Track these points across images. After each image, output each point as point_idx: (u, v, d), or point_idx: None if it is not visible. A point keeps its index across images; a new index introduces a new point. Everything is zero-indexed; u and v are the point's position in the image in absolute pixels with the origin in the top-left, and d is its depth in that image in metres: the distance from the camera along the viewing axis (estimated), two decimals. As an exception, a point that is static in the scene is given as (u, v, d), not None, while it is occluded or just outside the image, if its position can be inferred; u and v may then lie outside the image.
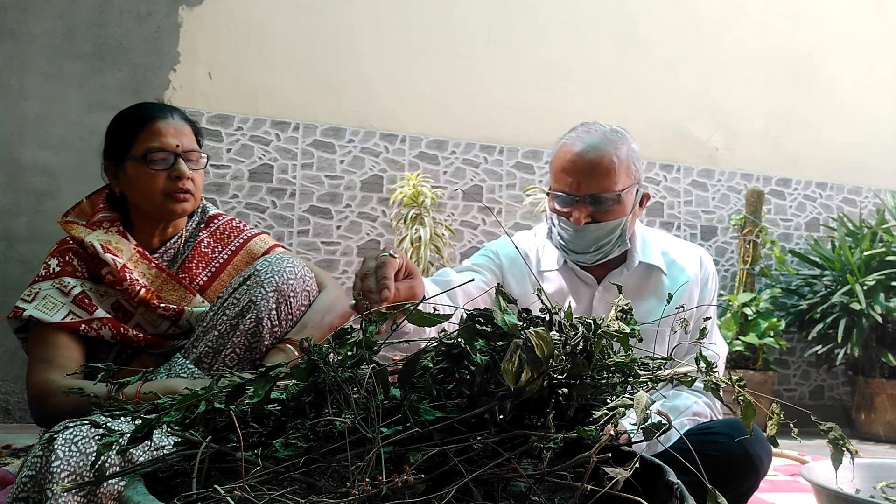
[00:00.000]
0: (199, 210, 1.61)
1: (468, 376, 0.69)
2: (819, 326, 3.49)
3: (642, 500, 0.58)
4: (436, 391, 0.70)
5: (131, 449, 1.05)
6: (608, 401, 0.70)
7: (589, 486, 0.59)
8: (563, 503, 0.64)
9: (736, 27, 4.00)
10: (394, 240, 3.28)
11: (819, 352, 3.59)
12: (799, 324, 3.69)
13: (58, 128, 2.92)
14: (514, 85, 3.59)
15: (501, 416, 0.67)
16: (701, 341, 0.79)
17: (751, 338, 3.35)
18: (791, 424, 0.75)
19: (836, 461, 0.69)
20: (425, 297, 1.07)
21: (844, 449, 0.69)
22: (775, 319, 3.42)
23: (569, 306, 0.79)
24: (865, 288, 3.39)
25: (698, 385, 1.12)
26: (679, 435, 0.95)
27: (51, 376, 1.31)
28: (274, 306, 1.36)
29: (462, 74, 3.52)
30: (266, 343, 1.37)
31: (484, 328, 0.68)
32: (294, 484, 0.62)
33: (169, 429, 0.70)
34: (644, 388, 0.70)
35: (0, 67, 2.87)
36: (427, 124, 3.45)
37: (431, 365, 0.72)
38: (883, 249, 3.51)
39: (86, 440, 1.02)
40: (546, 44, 3.66)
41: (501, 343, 0.66)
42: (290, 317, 1.39)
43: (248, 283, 1.37)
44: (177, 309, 1.43)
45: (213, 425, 0.70)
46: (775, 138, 4.06)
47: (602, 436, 0.63)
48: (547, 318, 0.73)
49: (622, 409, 0.65)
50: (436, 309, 0.81)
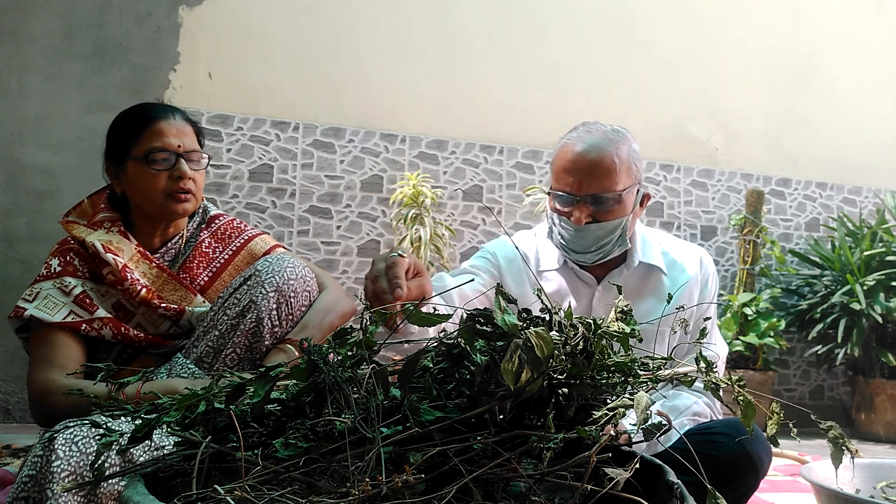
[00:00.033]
0: (201, 210, 1.61)
1: (468, 376, 0.69)
2: (819, 326, 3.49)
3: (642, 500, 0.58)
4: (436, 391, 0.70)
5: (131, 449, 1.05)
6: (608, 401, 0.70)
7: (589, 487, 0.60)
8: (563, 503, 0.64)
9: (736, 27, 4.00)
10: (394, 240, 3.28)
11: (819, 352, 3.59)
12: (799, 324, 3.69)
13: (58, 128, 2.92)
14: (514, 85, 3.59)
15: (501, 416, 0.67)
16: (701, 341, 0.79)
17: (751, 338, 3.35)
18: (791, 424, 0.75)
19: (836, 460, 0.69)
20: (425, 299, 1.07)
21: (844, 448, 0.69)
22: (775, 319, 3.42)
23: (569, 306, 0.79)
24: (865, 288, 3.39)
25: (698, 385, 1.12)
26: (679, 435, 0.95)
27: (51, 376, 1.31)
28: (275, 306, 1.36)
29: (462, 74, 3.52)
30: (267, 343, 1.37)
31: (484, 328, 0.68)
32: (294, 484, 0.62)
33: (169, 429, 0.70)
34: (644, 389, 0.70)
35: (0, 67, 2.87)
36: (427, 124, 3.45)
37: (431, 365, 0.72)
38: (883, 249, 3.51)
39: (86, 440, 1.02)
40: (546, 44, 3.66)
41: (501, 343, 0.67)
42: (291, 317, 1.39)
43: (249, 283, 1.37)
44: (178, 309, 1.43)
45: (213, 425, 0.70)
46: (775, 138, 4.06)
47: (602, 436, 0.64)
48: (547, 318, 0.73)
49: (622, 409, 0.65)
50: (435, 310, 0.81)
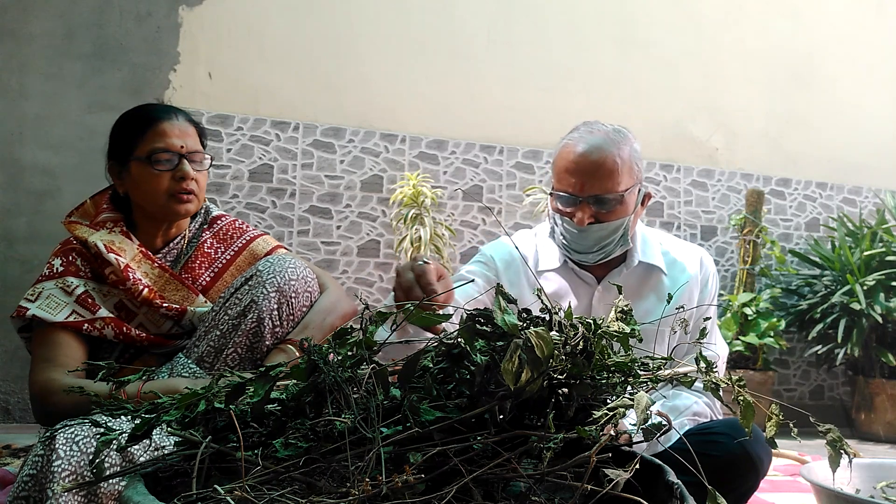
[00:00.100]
0: (203, 211, 1.61)
1: (468, 376, 0.69)
2: (819, 326, 3.49)
3: (642, 500, 0.58)
4: (436, 391, 0.70)
5: (131, 449, 1.05)
6: (608, 401, 0.70)
7: (589, 487, 0.60)
8: (563, 503, 0.64)
9: (736, 27, 4.00)
10: (394, 240, 3.28)
11: (819, 352, 3.59)
12: (799, 324, 3.69)
13: (58, 128, 2.92)
14: (514, 85, 3.59)
15: (501, 416, 0.67)
16: (701, 342, 0.79)
17: (751, 338, 3.35)
18: (791, 425, 0.75)
19: (834, 463, 0.69)
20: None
21: (843, 451, 0.69)
22: (775, 319, 3.42)
23: (569, 306, 0.79)
24: (865, 288, 3.39)
25: (698, 385, 1.12)
26: (679, 435, 0.95)
27: (53, 375, 1.31)
28: (275, 306, 1.36)
29: (462, 74, 3.51)
30: (268, 343, 1.37)
31: (484, 328, 0.68)
32: (294, 484, 0.62)
33: (169, 428, 0.70)
34: (644, 389, 0.70)
35: (0, 67, 2.87)
36: (427, 124, 3.45)
37: (431, 365, 0.72)
38: (883, 249, 3.51)
39: (87, 439, 1.02)
40: (546, 44, 3.66)
41: (501, 343, 0.67)
42: (292, 317, 1.39)
43: (250, 283, 1.37)
44: (179, 309, 1.44)
45: (213, 425, 0.70)
46: (775, 138, 4.06)
47: (602, 436, 0.64)
48: (547, 318, 0.73)
49: (622, 409, 0.65)
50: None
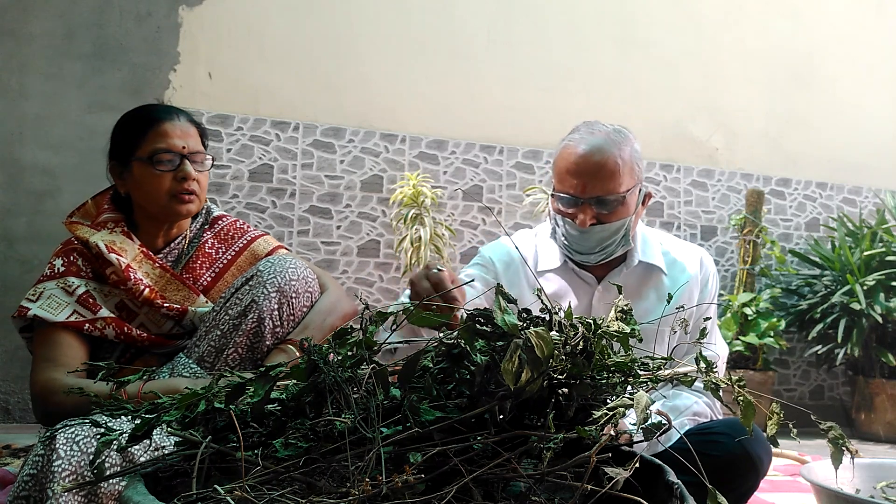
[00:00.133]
0: (204, 211, 1.62)
1: (468, 376, 0.69)
2: (819, 326, 3.49)
3: (642, 500, 0.58)
4: (436, 391, 0.70)
5: (131, 449, 1.05)
6: (608, 401, 0.70)
7: (589, 486, 0.60)
8: (563, 503, 0.64)
9: (736, 27, 4.00)
10: (394, 240, 3.28)
11: (819, 352, 3.59)
12: (799, 324, 3.69)
13: (58, 128, 2.92)
14: (514, 85, 3.59)
15: (501, 416, 0.67)
16: (701, 342, 0.79)
17: (751, 338, 3.35)
18: (791, 424, 0.75)
19: (836, 460, 0.69)
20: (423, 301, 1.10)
21: (844, 448, 0.69)
22: (775, 319, 3.42)
23: (569, 306, 0.79)
24: (865, 288, 3.39)
25: (698, 385, 1.12)
26: (679, 435, 0.95)
27: (54, 375, 1.31)
28: (276, 306, 1.36)
29: (462, 74, 3.51)
30: (268, 343, 1.37)
31: (484, 328, 0.68)
32: (294, 484, 0.62)
33: (169, 428, 0.70)
34: (644, 389, 0.70)
35: (0, 67, 2.87)
36: (427, 124, 3.45)
37: (431, 365, 0.72)
38: (883, 249, 3.51)
39: (87, 439, 1.02)
40: (546, 44, 3.66)
41: (501, 343, 0.67)
42: (292, 317, 1.40)
43: (251, 283, 1.37)
44: (180, 309, 1.44)
45: (213, 425, 0.70)
46: (775, 138, 4.06)
47: (602, 436, 0.64)
48: (547, 318, 0.73)
49: (622, 409, 0.65)
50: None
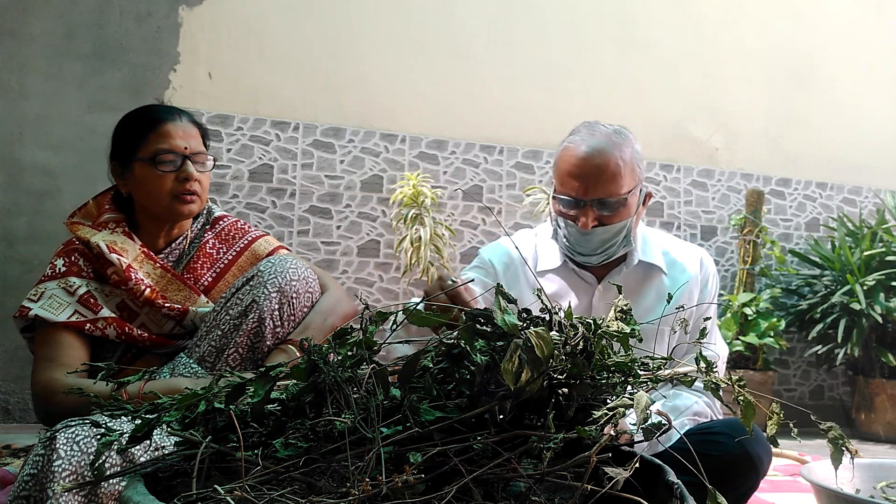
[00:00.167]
0: (205, 211, 1.62)
1: (468, 376, 0.69)
2: (819, 326, 3.49)
3: (642, 500, 0.58)
4: (436, 391, 0.70)
5: (131, 449, 1.05)
6: (608, 401, 0.70)
7: (589, 486, 0.60)
8: (563, 503, 0.64)
9: (736, 27, 4.00)
10: (394, 240, 3.28)
11: (819, 352, 3.59)
12: (799, 324, 3.69)
13: (58, 128, 2.91)
14: (514, 85, 3.59)
15: (501, 416, 0.67)
16: (701, 342, 0.79)
17: (751, 338, 3.35)
18: (791, 424, 0.75)
19: (836, 461, 0.69)
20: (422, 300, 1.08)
21: (844, 448, 0.69)
22: (775, 319, 3.42)
23: (569, 306, 0.79)
24: (865, 288, 3.39)
25: (698, 385, 1.12)
26: (679, 435, 0.95)
27: (55, 375, 1.31)
28: (276, 306, 1.36)
29: (462, 74, 3.51)
30: (268, 343, 1.37)
31: (484, 328, 0.68)
32: (294, 484, 0.62)
33: (169, 429, 0.70)
34: (644, 388, 0.70)
35: (0, 67, 2.87)
36: (427, 124, 3.45)
37: (431, 365, 0.72)
38: (883, 249, 3.51)
39: (87, 439, 1.02)
40: (546, 44, 3.66)
41: (501, 343, 0.67)
42: (293, 317, 1.40)
43: (252, 284, 1.37)
44: (181, 309, 1.44)
45: (213, 425, 0.70)
46: (775, 138, 4.06)
47: (602, 436, 0.64)
48: (547, 318, 0.73)
49: (622, 409, 0.65)
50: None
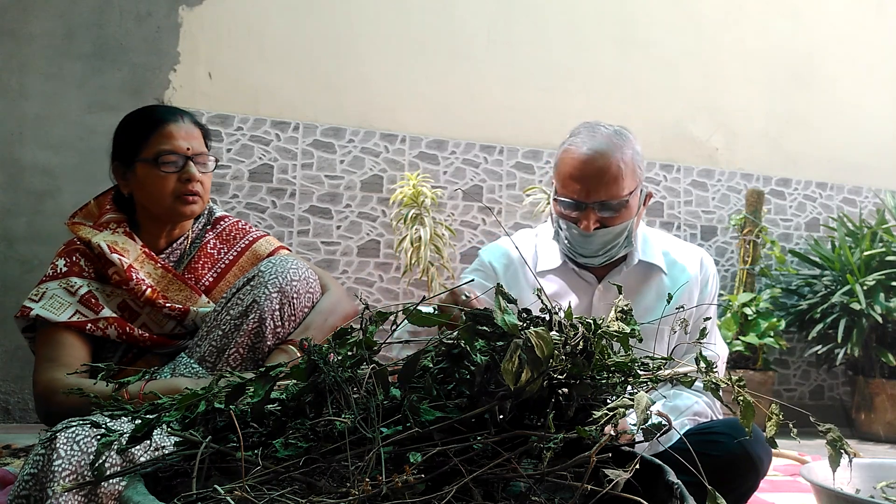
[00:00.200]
0: (206, 212, 1.62)
1: (468, 376, 0.69)
2: (819, 326, 3.49)
3: (642, 500, 0.58)
4: (436, 391, 0.70)
5: (131, 449, 1.05)
6: (608, 401, 0.70)
7: (589, 487, 0.60)
8: (563, 503, 0.64)
9: (736, 27, 4.00)
10: (394, 240, 3.28)
11: (819, 352, 3.59)
12: (799, 324, 3.69)
13: (58, 128, 2.91)
14: (514, 85, 3.59)
15: (501, 416, 0.67)
16: (701, 342, 0.79)
17: (751, 338, 3.35)
18: (791, 425, 0.75)
19: (835, 463, 0.69)
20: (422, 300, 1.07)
21: (843, 450, 0.69)
22: (775, 319, 3.42)
23: (569, 306, 0.79)
24: (865, 288, 3.39)
25: (698, 385, 1.12)
26: (679, 435, 0.95)
27: (56, 375, 1.32)
28: (277, 307, 1.36)
29: (462, 74, 3.51)
30: (269, 343, 1.37)
31: (484, 328, 0.68)
32: (294, 484, 0.62)
33: (169, 429, 0.70)
34: (644, 389, 0.70)
35: (0, 67, 2.87)
36: (427, 124, 3.45)
37: (431, 365, 0.72)
38: (883, 249, 3.51)
39: (87, 439, 1.02)
40: (546, 44, 3.66)
41: (501, 343, 0.67)
42: (294, 318, 1.40)
43: (252, 284, 1.37)
44: (182, 309, 1.44)
45: (213, 425, 0.70)
46: (775, 138, 4.06)
47: (602, 436, 0.64)
48: (547, 318, 0.73)
49: (622, 409, 0.65)
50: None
